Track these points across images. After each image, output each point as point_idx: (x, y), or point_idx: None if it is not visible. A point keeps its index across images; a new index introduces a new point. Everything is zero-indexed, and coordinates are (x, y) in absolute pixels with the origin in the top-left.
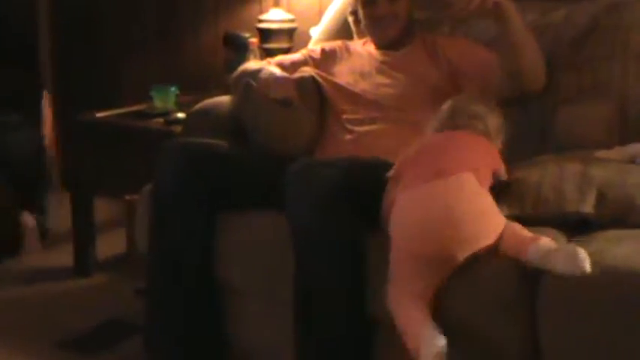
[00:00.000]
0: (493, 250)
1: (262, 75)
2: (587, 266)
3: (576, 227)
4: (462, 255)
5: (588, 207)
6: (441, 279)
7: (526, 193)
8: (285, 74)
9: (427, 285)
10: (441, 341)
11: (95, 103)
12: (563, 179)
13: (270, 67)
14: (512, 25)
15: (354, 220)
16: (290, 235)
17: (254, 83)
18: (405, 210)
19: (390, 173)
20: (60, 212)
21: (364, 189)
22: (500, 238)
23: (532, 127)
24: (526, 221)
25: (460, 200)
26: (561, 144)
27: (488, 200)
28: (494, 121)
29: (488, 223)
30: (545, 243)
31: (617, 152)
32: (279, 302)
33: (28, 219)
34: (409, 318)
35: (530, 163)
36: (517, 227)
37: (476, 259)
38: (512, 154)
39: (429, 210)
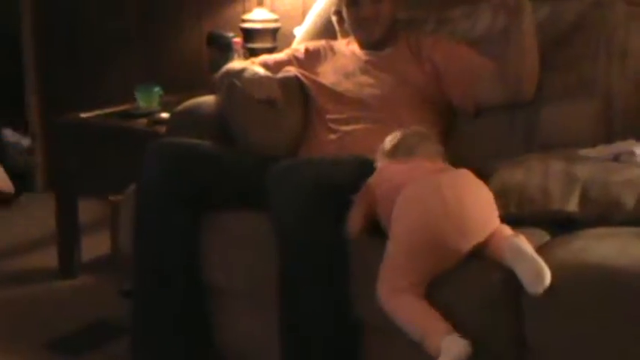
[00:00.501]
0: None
1: (246, 75)
2: (544, 284)
3: (560, 225)
4: (467, 247)
5: (572, 205)
6: (440, 272)
7: (510, 193)
8: (268, 74)
9: (425, 278)
10: (465, 346)
11: (79, 104)
12: (548, 178)
13: (254, 66)
14: (525, 26)
15: (338, 220)
16: (274, 235)
17: (238, 83)
18: (412, 203)
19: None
20: (44, 213)
21: (346, 188)
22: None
23: (516, 126)
24: (510, 220)
25: (466, 192)
26: (546, 142)
27: (490, 194)
28: (431, 147)
29: (490, 215)
30: (519, 243)
31: (601, 150)
32: (266, 302)
33: None
34: (413, 308)
35: (514, 162)
36: (503, 227)
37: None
38: (496, 153)
39: (435, 202)
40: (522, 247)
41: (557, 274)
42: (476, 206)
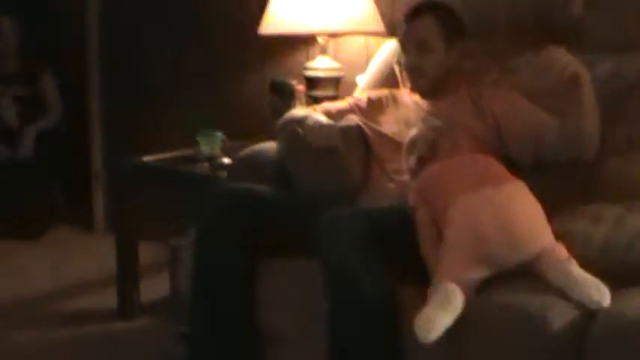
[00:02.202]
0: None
1: (308, 122)
2: (607, 297)
3: (621, 277)
4: (515, 261)
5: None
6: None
7: (573, 245)
8: (330, 122)
9: (474, 280)
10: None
11: (142, 147)
12: (612, 228)
13: (316, 114)
14: (584, 96)
15: (385, 270)
16: (323, 283)
17: (300, 130)
18: (464, 216)
19: (412, 200)
20: (105, 254)
21: (396, 238)
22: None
23: (576, 178)
24: None
25: (518, 206)
26: (608, 195)
27: (541, 209)
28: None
29: (541, 231)
30: (572, 269)
31: None
32: (317, 350)
33: None
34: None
35: (577, 213)
36: (558, 247)
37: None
38: (554, 203)
39: (487, 216)
40: (575, 273)
41: (618, 324)
42: (527, 221)
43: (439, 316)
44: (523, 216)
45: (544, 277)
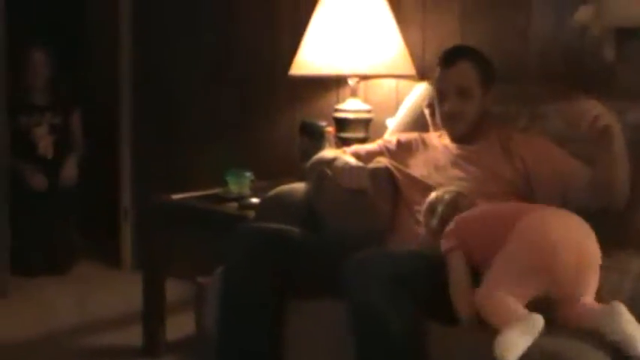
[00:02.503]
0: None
1: (337, 164)
2: None
3: None
4: (574, 281)
5: None
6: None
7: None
8: (359, 164)
9: (524, 295)
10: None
11: (171, 186)
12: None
13: (345, 156)
14: (615, 147)
15: (412, 310)
16: (349, 325)
17: (329, 172)
18: (542, 226)
19: (446, 244)
20: (131, 291)
21: (422, 281)
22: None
23: (607, 225)
24: None
25: (587, 229)
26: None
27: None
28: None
29: (596, 268)
30: (621, 308)
31: None
32: None
33: None
34: (503, 301)
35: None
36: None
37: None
38: None
39: (567, 230)
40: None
41: None
42: (595, 249)
43: (523, 340)
44: (592, 245)
45: (585, 324)
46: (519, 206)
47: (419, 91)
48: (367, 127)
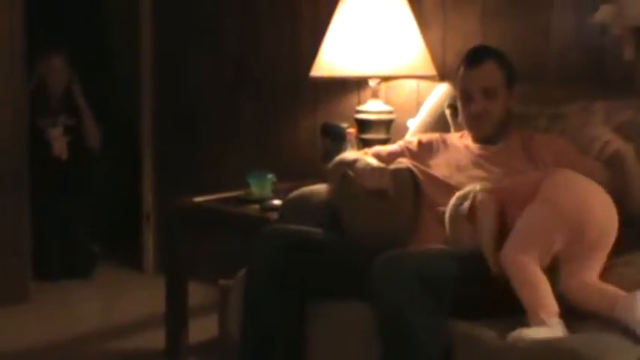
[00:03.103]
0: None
1: (358, 165)
2: None
3: None
4: (599, 241)
5: None
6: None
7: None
8: (381, 165)
9: (549, 258)
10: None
11: (193, 188)
12: None
13: (367, 157)
14: (627, 169)
15: (439, 312)
16: (376, 326)
17: (350, 173)
18: (573, 183)
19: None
20: (154, 294)
21: (448, 281)
22: (583, 290)
23: (631, 222)
24: None
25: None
26: None
27: None
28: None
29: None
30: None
31: None
32: None
33: None
34: (536, 278)
35: (626, 259)
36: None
37: None
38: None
39: (592, 189)
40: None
41: None
42: (609, 211)
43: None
44: (614, 216)
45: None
46: (545, 171)
47: (440, 92)
48: (388, 128)
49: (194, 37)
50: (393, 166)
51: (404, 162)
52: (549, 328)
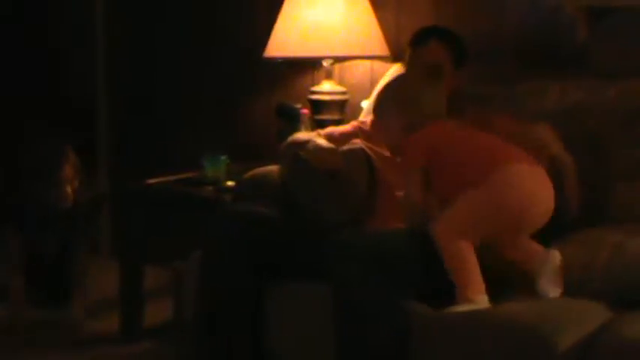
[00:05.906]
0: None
1: (309, 146)
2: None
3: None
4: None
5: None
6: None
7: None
8: (331, 146)
9: (478, 240)
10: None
11: (147, 171)
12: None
13: (318, 139)
14: (565, 175)
15: (393, 292)
16: (331, 306)
17: (302, 154)
18: (508, 186)
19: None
20: (108, 278)
21: (404, 260)
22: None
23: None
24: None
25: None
26: (616, 218)
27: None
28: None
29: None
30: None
31: None
32: None
33: None
34: (466, 257)
35: (579, 238)
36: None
37: None
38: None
39: (539, 186)
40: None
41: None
42: (550, 203)
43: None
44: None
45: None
46: (496, 154)
47: (393, 72)
48: (342, 109)
49: (150, 20)
50: (346, 147)
51: (357, 143)
52: (475, 305)
